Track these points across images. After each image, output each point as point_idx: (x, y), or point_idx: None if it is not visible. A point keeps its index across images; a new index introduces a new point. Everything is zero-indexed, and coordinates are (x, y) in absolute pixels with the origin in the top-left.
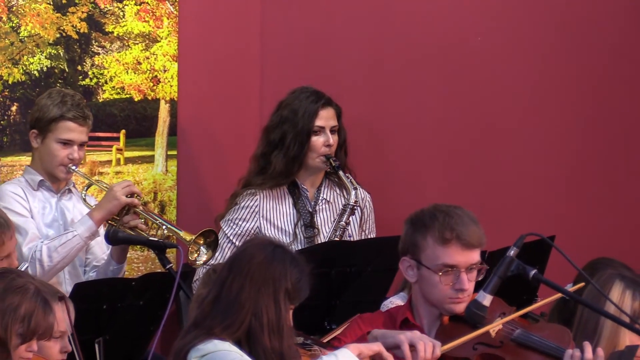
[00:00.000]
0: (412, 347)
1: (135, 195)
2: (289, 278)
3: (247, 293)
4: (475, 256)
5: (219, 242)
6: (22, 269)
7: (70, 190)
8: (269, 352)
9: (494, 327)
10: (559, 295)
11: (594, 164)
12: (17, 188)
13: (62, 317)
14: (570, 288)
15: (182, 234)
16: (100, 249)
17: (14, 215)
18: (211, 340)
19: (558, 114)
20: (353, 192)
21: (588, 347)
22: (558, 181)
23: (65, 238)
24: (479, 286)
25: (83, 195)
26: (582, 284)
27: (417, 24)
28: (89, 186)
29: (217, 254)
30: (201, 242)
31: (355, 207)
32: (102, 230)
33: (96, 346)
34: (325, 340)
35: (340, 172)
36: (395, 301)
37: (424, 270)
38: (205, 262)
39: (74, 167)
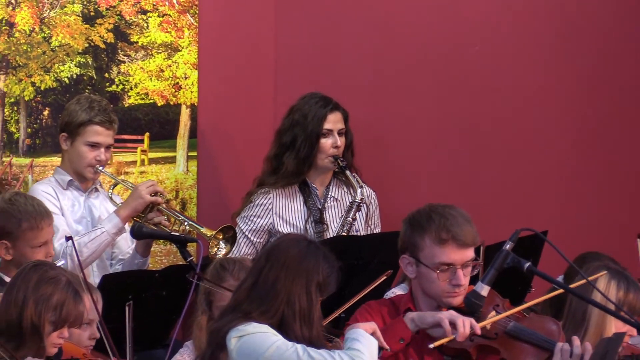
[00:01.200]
0: (452, 324)
1: (159, 194)
2: (320, 272)
3: (282, 282)
4: (470, 253)
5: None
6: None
7: (97, 189)
8: (300, 340)
9: (508, 314)
10: (560, 291)
11: (585, 165)
12: (48, 187)
13: (91, 307)
14: (572, 285)
15: (203, 230)
16: (126, 244)
17: None
18: (250, 323)
19: (553, 116)
20: (359, 190)
21: (577, 341)
22: (551, 180)
23: (94, 234)
24: (472, 280)
25: (110, 194)
26: (584, 280)
27: (417, 34)
28: (115, 185)
29: (233, 248)
30: (220, 237)
31: (361, 204)
32: (127, 227)
33: (126, 309)
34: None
35: (347, 172)
36: (396, 292)
37: (422, 268)
38: (224, 256)
39: (101, 168)
